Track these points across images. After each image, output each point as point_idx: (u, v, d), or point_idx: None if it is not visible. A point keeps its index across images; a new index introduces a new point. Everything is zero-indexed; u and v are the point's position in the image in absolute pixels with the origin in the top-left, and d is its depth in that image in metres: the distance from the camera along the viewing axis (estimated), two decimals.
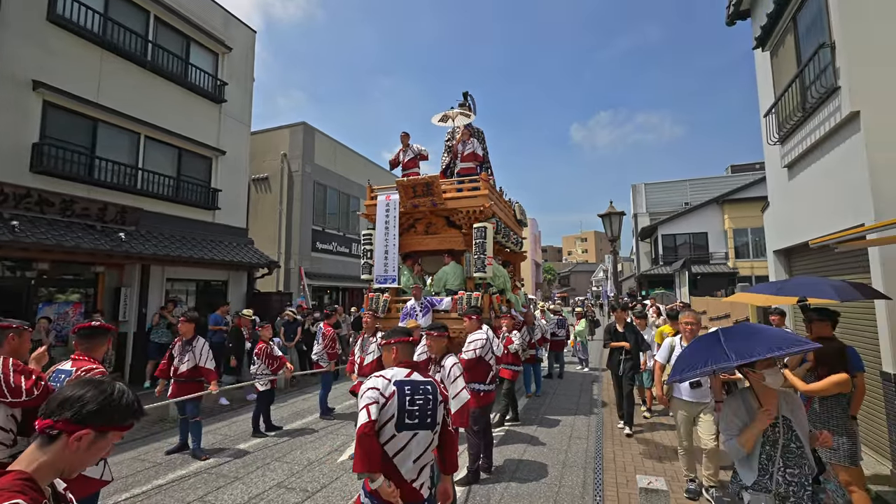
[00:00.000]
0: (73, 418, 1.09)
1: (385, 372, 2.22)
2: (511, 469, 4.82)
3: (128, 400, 1.20)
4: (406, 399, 2.13)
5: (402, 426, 2.10)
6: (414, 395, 2.16)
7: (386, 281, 7.80)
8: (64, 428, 1.08)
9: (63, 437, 1.08)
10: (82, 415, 1.10)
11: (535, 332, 8.31)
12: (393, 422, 2.08)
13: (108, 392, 1.16)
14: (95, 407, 1.12)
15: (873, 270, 4.50)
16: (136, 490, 4.36)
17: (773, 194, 7.45)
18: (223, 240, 11.39)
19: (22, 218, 7.43)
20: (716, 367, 2.28)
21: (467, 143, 8.54)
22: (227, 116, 12.04)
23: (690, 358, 2.49)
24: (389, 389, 2.12)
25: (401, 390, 2.14)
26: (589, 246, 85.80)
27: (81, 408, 1.10)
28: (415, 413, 2.14)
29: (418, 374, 2.28)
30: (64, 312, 8.65)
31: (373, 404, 2.07)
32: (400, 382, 2.17)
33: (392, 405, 2.09)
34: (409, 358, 2.38)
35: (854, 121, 4.71)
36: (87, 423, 1.10)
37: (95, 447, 1.13)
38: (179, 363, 5.27)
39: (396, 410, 2.09)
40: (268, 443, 5.77)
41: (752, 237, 21.39)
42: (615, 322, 6.26)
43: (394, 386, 2.14)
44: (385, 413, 2.08)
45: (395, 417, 2.08)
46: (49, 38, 8.32)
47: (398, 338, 2.39)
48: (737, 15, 7.74)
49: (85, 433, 1.10)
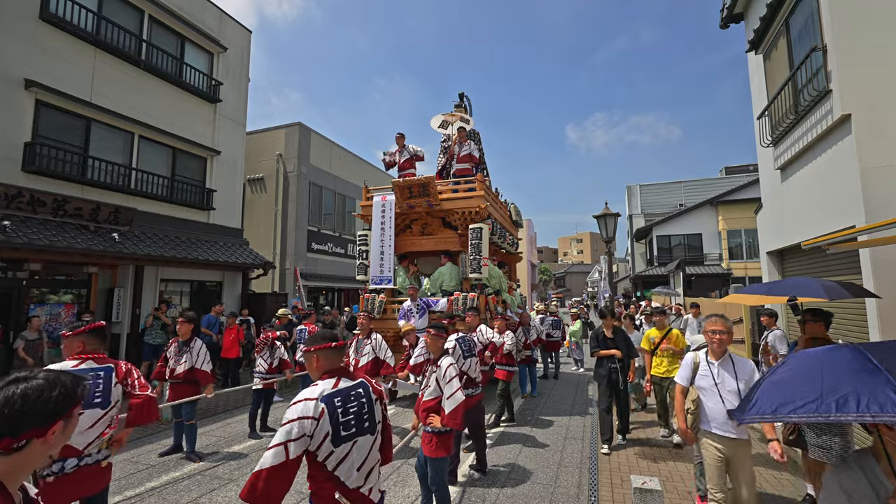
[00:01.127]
0: (37, 424, 1.07)
1: (310, 391, 2.00)
2: (506, 469, 4.83)
3: (66, 377, 1.17)
4: (338, 412, 1.97)
5: (338, 440, 1.94)
6: (346, 405, 2.01)
7: (382, 282, 7.80)
8: (34, 434, 1.06)
9: (33, 442, 1.06)
10: (44, 412, 1.08)
11: (531, 332, 8.32)
12: (329, 439, 1.92)
13: (43, 382, 1.11)
14: (50, 399, 1.09)
15: (864, 271, 4.55)
16: (129, 493, 4.33)
17: (767, 196, 7.51)
18: (218, 240, 11.33)
19: (14, 218, 7.36)
20: (873, 413, 1.29)
21: (464, 144, 8.56)
22: (222, 116, 11.99)
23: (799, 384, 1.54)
24: (318, 409, 1.93)
25: (330, 405, 1.96)
26: (584, 247, 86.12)
27: (38, 408, 1.07)
28: (350, 423, 2.00)
29: (346, 378, 2.12)
30: (56, 313, 8.58)
31: (294, 441, 1.84)
32: (328, 397, 1.98)
33: (324, 424, 1.92)
34: (335, 364, 2.17)
35: (845, 123, 4.77)
36: (53, 418, 1.09)
37: (67, 429, 1.14)
38: (175, 364, 5.16)
39: (330, 427, 1.93)
40: (262, 444, 5.74)
41: (746, 238, 21.57)
42: (603, 328, 5.76)
43: (322, 404, 1.95)
44: (318, 435, 1.90)
45: (329, 434, 1.92)
46: (42, 37, 8.25)
47: (319, 344, 2.15)
48: (730, 18, 7.81)
49: (57, 425, 1.10)
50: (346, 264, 17.08)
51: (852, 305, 5.03)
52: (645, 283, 24.81)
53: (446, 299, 7.27)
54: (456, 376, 3.41)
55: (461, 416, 3.25)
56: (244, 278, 12.19)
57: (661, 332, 5.67)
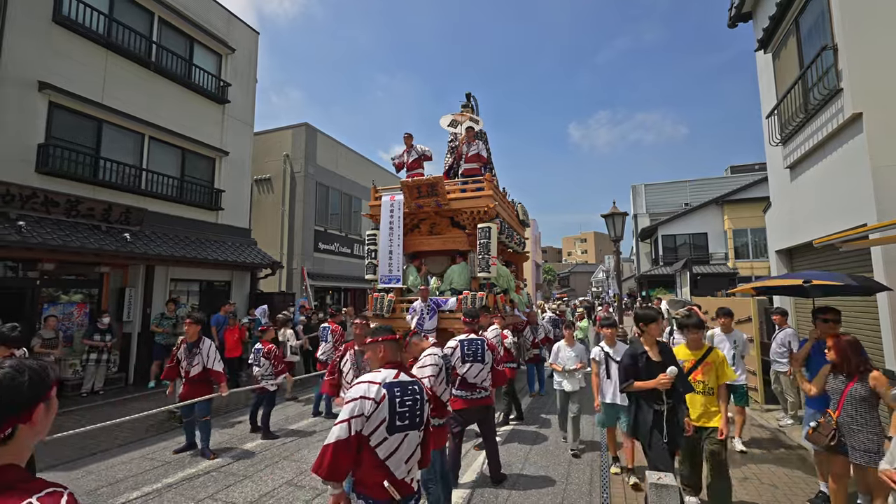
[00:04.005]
0: (16, 411, 1.06)
1: (373, 376, 2.14)
2: (518, 467, 4.86)
3: (37, 361, 1.17)
4: (396, 401, 2.07)
5: (393, 429, 2.04)
6: (403, 397, 2.11)
7: (390, 281, 7.85)
8: (17, 422, 1.06)
9: (19, 428, 1.06)
10: (27, 396, 1.08)
11: (539, 331, 8.35)
12: (384, 425, 2.02)
13: (17, 366, 1.11)
14: (29, 382, 1.09)
15: (875, 269, 4.56)
16: (146, 488, 4.40)
17: (775, 195, 7.51)
18: (226, 240, 11.43)
19: (28, 218, 7.46)
20: None
21: (472, 144, 8.60)
22: (230, 117, 12.08)
23: None
24: (380, 393, 2.05)
25: (391, 392, 2.07)
26: (588, 247, 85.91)
27: (19, 392, 1.07)
28: (405, 414, 2.08)
29: (405, 374, 2.23)
30: (69, 313, 8.68)
31: (355, 418, 1.98)
32: (390, 385, 2.09)
33: (383, 409, 2.03)
34: (396, 357, 2.30)
35: (856, 122, 4.78)
36: (34, 400, 1.09)
37: (49, 411, 1.14)
38: (189, 366, 5.24)
39: (388, 414, 2.03)
40: (275, 442, 5.80)
41: (752, 238, 21.49)
42: (640, 342, 3.51)
43: (384, 389, 2.06)
44: (375, 418, 2.01)
45: (386, 421, 2.02)
46: (54, 40, 8.35)
47: (385, 335, 2.29)
48: (739, 17, 7.81)
49: (39, 410, 1.10)
50: (352, 264, 17.15)
51: (862, 304, 5.04)
52: (650, 282, 24.76)
53: (455, 298, 7.30)
54: (429, 366, 3.33)
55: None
56: (252, 278, 12.28)
57: (695, 353, 3.72)
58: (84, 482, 4.50)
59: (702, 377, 3.65)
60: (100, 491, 4.32)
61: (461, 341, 4.39)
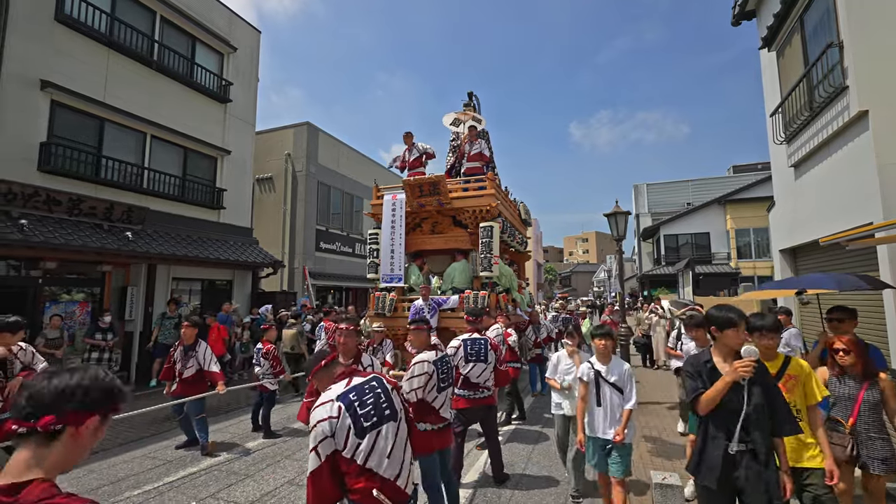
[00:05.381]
0: (79, 408, 1.04)
1: (325, 396, 2.13)
2: (520, 467, 4.84)
3: (115, 380, 1.15)
4: (355, 406, 2.08)
5: (362, 432, 2.04)
6: (362, 398, 2.11)
7: (392, 280, 7.82)
8: (72, 420, 1.02)
9: (67, 431, 1.02)
10: (88, 402, 1.05)
11: (541, 331, 8.32)
12: (352, 432, 2.02)
13: (100, 375, 1.11)
14: (98, 392, 1.07)
15: (881, 267, 4.52)
16: (147, 487, 4.38)
17: (779, 193, 7.47)
18: (228, 239, 11.42)
19: (30, 217, 7.46)
20: None
21: (474, 143, 8.58)
22: (232, 116, 12.08)
23: None
24: (335, 408, 2.04)
25: (346, 402, 2.07)
26: (590, 246, 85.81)
27: (85, 395, 1.05)
28: (370, 413, 2.10)
29: (356, 376, 2.23)
30: (71, 311, 8.68)
31: (322, 443, 1.98)
32: (342, 395, 2.09)
33: (345, 419, 2.03)
34: (345, 367, 2.33)
35: (862, 120, 4.74)
36: (93, 409, 1.06)
37: (98, 433, 1.09)
38: (184, 368, 5.32)
39: (351, 421, 2.03)
40: (276, 441, 5.79)
41: (755, 237, 21.41)
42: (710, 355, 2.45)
43: (339, 402, 2.06)
44: (340, 431, 2.01)
45: (352, 428, 2.03)
46: (57, 38, 8.35)
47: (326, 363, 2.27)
48: (742, 15, 7.77)
49: (93, 420, 1.06)
50: (353, 263, 17.15)
51: (869, 301, 5.00)
52: (652, 282, 24.70)
53: (457, 297, 7.28)
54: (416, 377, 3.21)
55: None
56: (254, 277, 12.28)
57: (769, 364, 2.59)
58: (86, 480, 4.48)
59: (787, 394, 2.55)
60: (101, 489, 4.30)
61: (464, 341, 4.33)
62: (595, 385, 3.40)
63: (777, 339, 2.75)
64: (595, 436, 3.36)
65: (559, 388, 4.18)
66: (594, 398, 3.39)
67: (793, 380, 2.63)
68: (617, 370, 3.37)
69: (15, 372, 3.92)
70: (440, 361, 3.40)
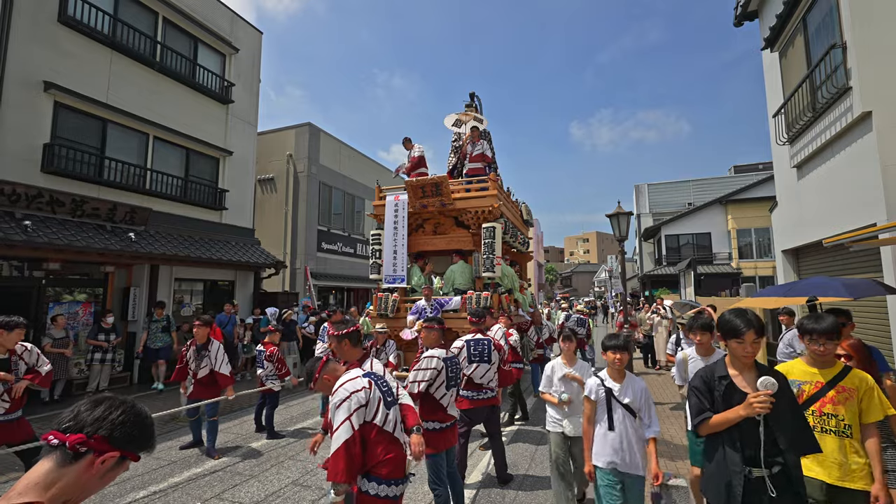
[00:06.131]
0: (107, 438, 1.00)
1: (350, 373, 2.34)
2: (524, 467, 4.84)
3: (152, 428, 1.11)
4: (378, 382, 2.34)
5: (389, 405, 2.31)
6: (378, 381, 2.36)
7: (395, 281, 7.83)
8: (96, 447, 0.98)
9: (88, 457, 0.97)
10: (117, 437, 1.01)
11: (543, 331, 8.32)
12: (382, 404, 2.26)
13: (143, 416, 1.07)
14: (134, 431, 1.03)
15: (885, 269, 4.52)
16: (153, 487, 4.40)
17: (782, 194, 7.47)
18: (230, 240, 11.44)
19: (34, 218, 7.48)
20: None
21: (476, 144, 8.59)
22: (234, 117, 12.10)
23: None
24: (366, 381, 2.27)
25: (373, 377, 2.34)
26: (591, 246, 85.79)
27: (119, 429, 1.01)
28: (389, 391, 2.39)
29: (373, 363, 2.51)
30: (73, 312, 8.69)
31: (357, 412, 2.16)
32: (368, 372, 2.35)
33: (375, 392, 2.27)
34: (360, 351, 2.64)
35: (866, 121, 4.74)
36: (118, 446, 1.01)
37: (111, 473, 1.03)
38: (197, 368, 5.31)
39: (381, 394, 2.28)
40: (280, 442, 5.80)
41: (756, 237, 21.40)
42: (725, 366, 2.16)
43: (366, 378, 2.31)
44: (373, 400, 2.23)
45: (381, 400, 2.27)
46: (60, 40, 8.37)
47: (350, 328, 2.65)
48: (745, 16, 7.77)
49: (111, 456, 1.00)
50: (355, 264, 17.16)
51: (872, 304, 5.00)
52: (653, 282, 24.68)
53: (459, 297, 7.28)
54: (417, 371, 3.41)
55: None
56: (256, 277, 12.29)
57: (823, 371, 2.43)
58: None
59: (833, 409, 2.33)
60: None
61: (467, 341, 4.34)
62: (607, 405, 2.85)
63: (834, 346, 2.41)
64: (604, 464, 2.78)
65: (557, 404, 3.65)
66: (605, 420, 2.83)
67: (846, 392, 2.34)
68: (631, 389, 2.83)
69: (20, 374, 3.94)
70: (450, 360, 3.48)
